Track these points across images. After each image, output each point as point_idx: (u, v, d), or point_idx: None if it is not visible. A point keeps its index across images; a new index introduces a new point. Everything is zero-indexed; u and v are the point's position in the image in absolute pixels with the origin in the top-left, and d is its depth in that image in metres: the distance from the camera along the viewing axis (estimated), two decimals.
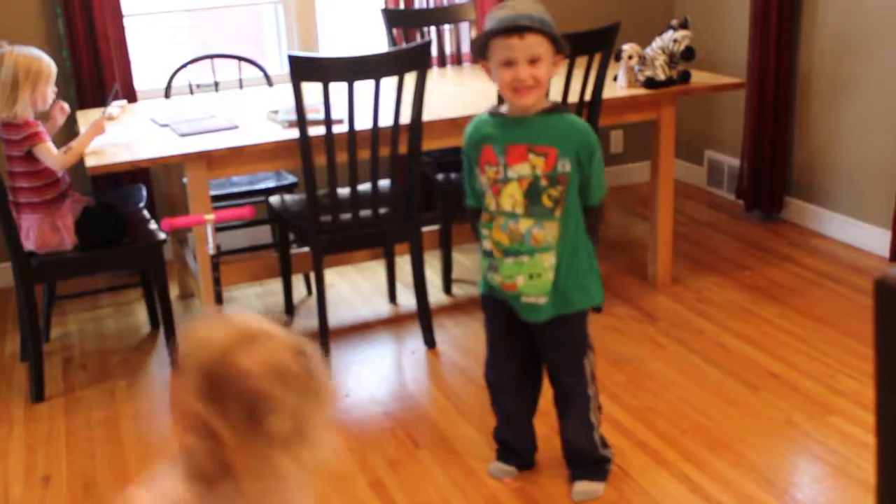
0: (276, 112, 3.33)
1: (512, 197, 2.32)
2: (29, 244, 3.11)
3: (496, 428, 2.66)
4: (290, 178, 3.87)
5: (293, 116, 3.10)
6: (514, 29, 2.21)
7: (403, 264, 3.95)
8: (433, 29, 4.23)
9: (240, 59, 4.08)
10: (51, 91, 3.16)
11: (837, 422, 2.81)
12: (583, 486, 2.52)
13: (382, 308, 3.80)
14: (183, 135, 3.18)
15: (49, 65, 3.14)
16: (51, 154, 3.10)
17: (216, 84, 4.06)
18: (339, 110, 3.10)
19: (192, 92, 4.03)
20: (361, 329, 3.62)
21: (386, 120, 3.11)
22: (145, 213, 3.50)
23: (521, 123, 2.31)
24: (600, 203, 2.42)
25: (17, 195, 3.13)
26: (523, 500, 2.52)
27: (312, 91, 3.04)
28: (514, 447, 2.63)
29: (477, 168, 2.38)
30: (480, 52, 2.30)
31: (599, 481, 2.53)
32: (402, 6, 4.34)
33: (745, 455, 2.67)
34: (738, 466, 2.62)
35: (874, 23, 3.87)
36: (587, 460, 2.55)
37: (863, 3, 3.92)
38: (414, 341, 3.47)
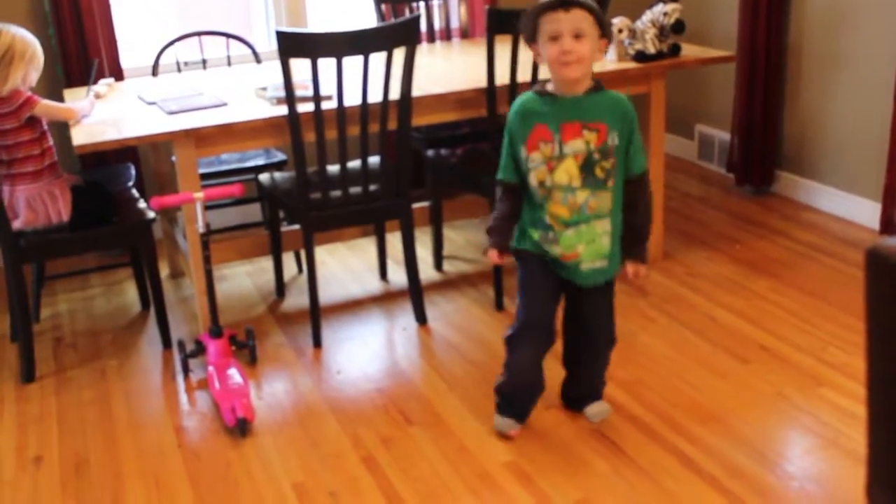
0: (264, 89, 3.31)
1: (568, 172, 2.42)
2: (28, 216, 3.09)
3: (502, 382, 2.70)
4: (280, 156, 3.86)
5: (282, 93, 3.08)
6: (559, 3, 2.31)
7: (394, 241, 3.95)
8: (422, 4, 4.20)
9: (228, 35, 4.05)
10: (36, 78, 3.14)
11: (828, 394, 2.82)
12: (595, 408, 2.74)
13: (373, 285, 3.80)
14: (171, 113, 3.15)
15: (42, 54, 3.13)
16: (56, 107, 3.11)
17: (204, 61, 4.03)
18: (327, 86, 3.08)
19: (179, 69, 4.00)
20: (352, 306, 3.62)
21: (375, 96, 3.10)
22: (134, 191, 3.48)
23: (574, 103, 2.41)
24: (645, 171, 2.50)
25: (16, 167, 3.09)
26: (515, 475, 2.53)
27: (301, 67, 3.02)
28: (515, 398, 2.70)
29: (524, 146, 2.44)
30: (531, 35, 2.39)
31: (602, 399, 2.76)
32: None
33: (737, 428, 2.68)
34: (730, 439, 2.63)
35: None
36: (593, 393, 2.76)
37: None
38: (405, 318, 3.47)
